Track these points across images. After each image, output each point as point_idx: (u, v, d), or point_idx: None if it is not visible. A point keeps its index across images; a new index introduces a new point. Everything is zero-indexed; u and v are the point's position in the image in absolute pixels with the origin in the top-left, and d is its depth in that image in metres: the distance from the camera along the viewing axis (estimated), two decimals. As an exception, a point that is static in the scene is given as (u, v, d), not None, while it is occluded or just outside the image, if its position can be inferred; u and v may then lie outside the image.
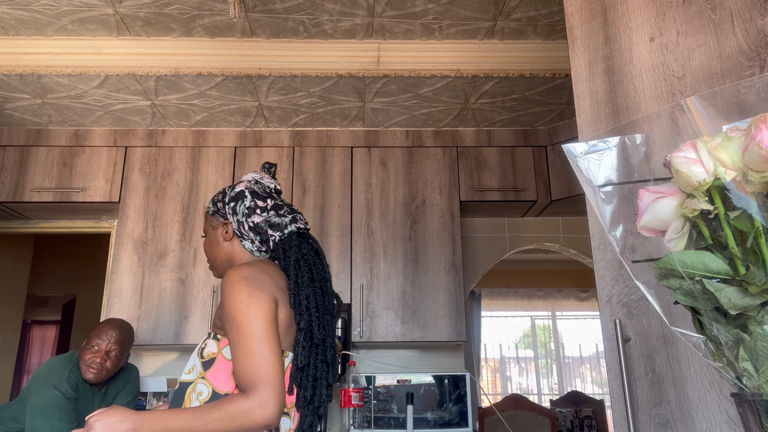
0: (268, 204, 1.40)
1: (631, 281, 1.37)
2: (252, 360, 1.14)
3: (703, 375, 1.24)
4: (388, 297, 3.09)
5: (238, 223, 1.39)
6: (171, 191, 3.21)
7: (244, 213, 1.38)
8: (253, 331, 1.16)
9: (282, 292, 1.27)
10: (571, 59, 1.60)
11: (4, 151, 3.24)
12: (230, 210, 1.41)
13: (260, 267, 1.29)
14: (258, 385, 1.12)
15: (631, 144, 0.76)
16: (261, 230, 1.37)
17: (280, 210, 1.40)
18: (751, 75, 1.26)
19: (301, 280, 1.30)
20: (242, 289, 1.20)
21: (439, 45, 2.76)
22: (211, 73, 2.76)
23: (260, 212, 1.38)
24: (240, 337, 1.16)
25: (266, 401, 1.10)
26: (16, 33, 2.63)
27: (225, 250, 1.43)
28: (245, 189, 1.41)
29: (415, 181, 3.28)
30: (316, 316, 1.29)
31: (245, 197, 1.40)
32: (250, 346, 1.15)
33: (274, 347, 1.16)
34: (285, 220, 1.39)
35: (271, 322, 1.19)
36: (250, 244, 1.40)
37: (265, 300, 1.20)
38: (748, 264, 0.61)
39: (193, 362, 1.28)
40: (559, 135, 3.37)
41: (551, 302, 7.03)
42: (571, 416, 4.83)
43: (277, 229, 1.38)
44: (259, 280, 1.24)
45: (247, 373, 1.14)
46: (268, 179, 1.47)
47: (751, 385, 0.62)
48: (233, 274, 1.24)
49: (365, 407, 3.00)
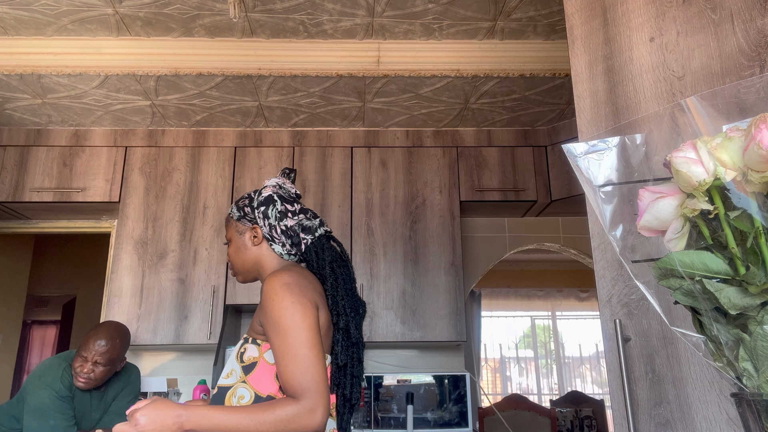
0: (296, 208, 1.43)
1: (631, 281, 1.37)
2: (301, 367, 1.17)
3: (703, 375, 1.24)
4: (388, 297, 3.09)
5: (270, 227, 1.40)
6: (171, 191, 3.21)
7: (276, 216, 1.40)
8: (301, 338, 1.19)
9: (320, 296, 1.30)
10: (571, 59, 1.60)
11: (4, 151, 3.24)
12: (260, 214, 1.41)
13: (300, 272, 1.31)
14: (308, 392, 1.15)
15: (631, 144, 0.76)
16: (294, 233, 1.39)
17: (306, 214, 1.43)
18: (751, 75, 1.26)
19: (337, 285, 1.34)
20: (286, 296, 1.22)
21: (439, 45, 2.76)
22: (211, 73, 2.76)
23: (292, 216, 1.40)
24: (287, 344, 1.19)
25: (315, 408, 1.14)
26: (16, 33, 2.63)
27: (254, 255, 1.43)
28: (273, 194, 1.43)
29: (415, 181, 3.28)
30: (352, 316, 1.33)
31: (275, 201, 1.41)
32: (298, 354, 1.18)
33: (320, 354, 1.20)
34: (315, 223, 1.42)
35: (316, 329, 1.22)
36: (280, 248, 1.40)
37: (309, 307, 1.23)
38: (748, 264, 0.61)
39: (231, 366, 1.30)
40: (559, 135, 3.37)
41: (551, 302, 7.03)
42: (571, 416, 4.83)
43: (309, 233, 1.40)
44: (302, 287, 1.26)
45: (296, 380, 1.16)
46: (290, 184, 1.49)
47: (751, 385, 0.62)
48: (275, 280, 1.25)
49: (365, 407, 3.00)
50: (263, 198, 1.42)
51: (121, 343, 2.30)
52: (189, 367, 3.26)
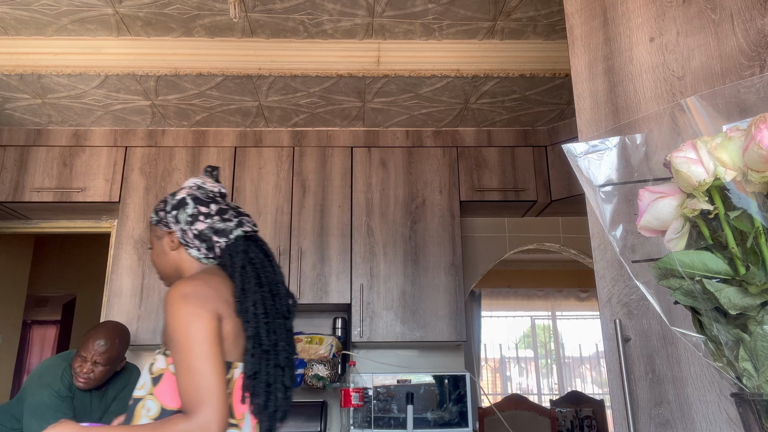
0: (211, 209, 1.37)
1: (631, 281, 1.37)
2: (193, 381, 1.14)
3: (703, 375, 1.24)
4: (388, 297, 3.09)
5: (181, 232, 1.36)
6: (171, 191, 3.20)
7: (186, 221, 1.35)
8: (194, 352, 1.16)
9: (226, 304, 1.26)
10: (571, 59, 1.60)
11: (4, 151, 3.24)
12: (173, 219, 1.38)
13: (204, 280, 1.27)
14: (199, 407, 1.12)
15: (631, 144, 0.76)
16: (206, 237, 1.35)
17: (224, 214, 1.37)
18: (751, 75, 1.26)
19: (248, 287, 1.29)
20: (182, 308, 1.19)
21: (439, 45, 2.76)
22: (211, 73, 2.76)
23: (203, 218, 1.35)
24: (181, 358, 1.16)
25: (208, 424, 1.11)
26: (16, 33, 2.63)
27: (172, 260, 1.40)
28: (187, 196, 1.38)
29: (415, 181, 3.28)
30: (264, 322, 1.27)
31: (187, 204, 1.37)
32: (191, 368, 1.15)
33: (215, 367, 1.16)
34: (230, 225, 1.36)
35: (212, 341, 1.18)
36: (196, 252, 1.37)
37: (206, 318, 1.19)
38: (748, 264, 0.61)
39: (144, 378, 1.27)
40: (559, 135, 3.37)
41: (551, 302, 7.03)
42: (571, 416, 4.83)
43: (223, 235, 1.35)
44: (201, 296, 1.22)
45: (189, 395, 1.14)
46: (212, 183, 1.43)
47: (751, 385, 0.62)
48: (174, 291, 1.22)
49: (365, 407, 3.00)
50: (176, 201, 1.38)
51: (121, 343, 2.30)
52: (189, 367, 3.26)
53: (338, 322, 3.24)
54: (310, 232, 3.17)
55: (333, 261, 3.13)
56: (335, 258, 3.13)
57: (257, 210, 3.19)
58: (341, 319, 3.26)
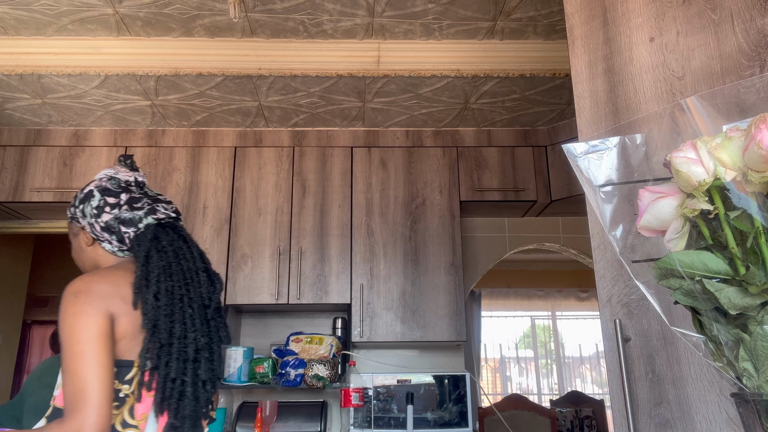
0: (121, 199, 1.32)
1: (631, 281, 1.37)
2: (69, 384, 1.09)
3: (703, 375, 1.24)
4: (388, 297, 3.09)
5: (90, 226, 1.32)
6: (171, 191, 3.21)
7: (92, 214, 1.31)
8: (75, 352, 1.11)
9: (123, 301, 1.20)
10: (571, 59, 1.60)
11: (4, 151, 3.24)
12: (80, 213, 1.34)
13: (104, 276, 1.22)
14: (72, 411, 1.07)
15: (631, 144, 0.76)
16: (114, 229, 1.30)
17: (136, 203, 1.32)
18: (751, 75, 1.26)
19: (152, 276, 1.23)
20: (69, 306, 1.14)
21: (439, 45, 2.76)
22: (211, 73, 2.76)
23: (109, 210, 1.30)
24: (64, 359, 1.11)
25: (80, 428, 1.05)
26: (16, 33, 2.63)
27: (89, 257, 1.36)
28: (95, 188, 1.33)
29: (415, 181, 3.28)
30: (166, 314, 1.21)
31: (93, 197, 1.32)
32: (68, 369, 1.10)
33: (95, 369, 1.10)
34: (139, 214, 1.31)
35: (96, 341, 1.12)
36: (109, 246, 1.32)
37: (93, 316, 1.14)
38: (748, 264, 0.61)
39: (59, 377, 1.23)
40: (559, 135, 3.37)
41: (551, 302, 7.03)
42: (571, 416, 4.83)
43: (131, 225, 1.30)
44: (93, 293, 1.17)
45: (65, 397, 1.09)
46: (125, 172, 1.37)
47: (751, 385, 0.62)
48: (68, 288, 1.18)
49: (365, 407, 3.00)
50: (83, 195, 1.34)
51: None
52: (189, 367, 3.26)
53: (338, 322, 3.24)
54: (310, 232, 3.17)
55: (333, 261, 3.13)
56: (335, 258, 3.13)
57: (257, 210, 3.19)
58: (341, 319, 3.26)
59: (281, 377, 2.91)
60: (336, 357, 3.01)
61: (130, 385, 1.18)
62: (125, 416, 1.17)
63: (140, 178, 1.39)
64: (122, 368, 1.18)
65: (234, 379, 2.92)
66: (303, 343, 3.04)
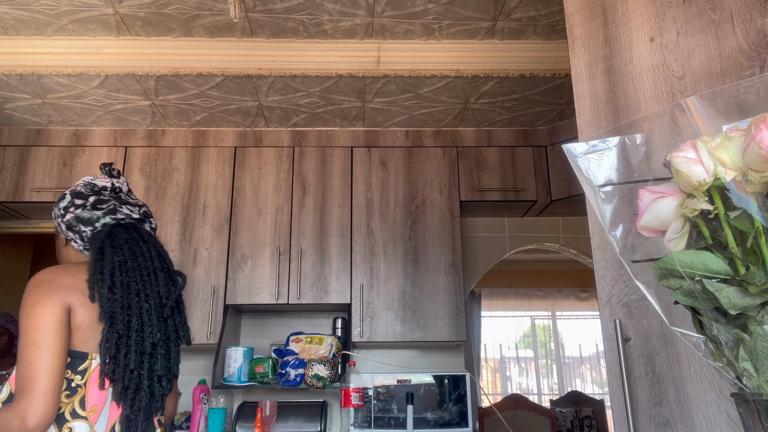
0: (88, 201, 1.39)
1: (631, 281, 1.37)
2: (21, 369, 1.14)
3: (703, 375, 1.24)
4: (388, 297, 3.09)
5: (58, 226, 1.40)
6: (171, 191, 3.21)
7: (59, 214, 1.39)
8: (28, 339, 1.16)
9: (82, 294, 1.25)
10: (571, 59, 1.60)
11: (4, 151, 3.24)
12: (53, 215, 1.42)
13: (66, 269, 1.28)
14: (20, 396, 1.12)
15: (631, 144, 0.76)
16: (75, 228, 1.37)
17: (100, 204, 1.39)
18: (751, 75, 1.26)
19: (105, 271, 1.28)
20: (28, 297, 1.20)
21: (439, 45, 2.76)
22: (211, 73, 2.76)
23: (73, 209, 1.38)
24: (18, 344, 1.17)
25: (25, 413, 1.10)
26: (16, 33, 2.63)
27: (65, 256, 1.44)
28: (68, 192, 1.42)
29: (415, 181, 3.28)
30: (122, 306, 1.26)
31: (64, 198, 1.40)
32: (22, 354, 1.15)
33: (46, 357, 1.15)
34: (97, 214, 1.38)
35: (50, 331, 1.17)
36: (75, 245, 1.39)
37: (49, 306, 1.19)
38: (748, 264, 0.61)
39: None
40: (559, 135, 3.37)
41: (551, 302, 7.03)
42: (571, 416, 4.83)
43: (88, 224, 1.37)
44: (54, 284, 1.22)
45: (17, 382, 1.15)
46: (103, 179, 1.45)
47: (751, 385, 0.62)
48: (32, 279, 1.25)
49: (365, 407, 3.00)
50: (58, 198, 1.43)
51: None
52: (189, 367, 3.26)
53: (338, 322, 3.24)
54: (310, 232, 3.17)
55: (333, 261, 3.13)
56: (335, 258, 3.13)
57: (257, 210, 3.19)
58: (341, 319, 3.26)
59: (281, 377, 2.91)
60: (336, 357, 3.01)
61: (83, 376, 1.23)
62: (76, 406, 1.22)
63: (117, 184, 1.46)
64: (76, 359, 1.23)
65: (234, 379, 2.92)
66: (303, 343, 3.04)
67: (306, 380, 2.89)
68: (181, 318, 1.39)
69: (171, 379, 1.34)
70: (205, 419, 2.74)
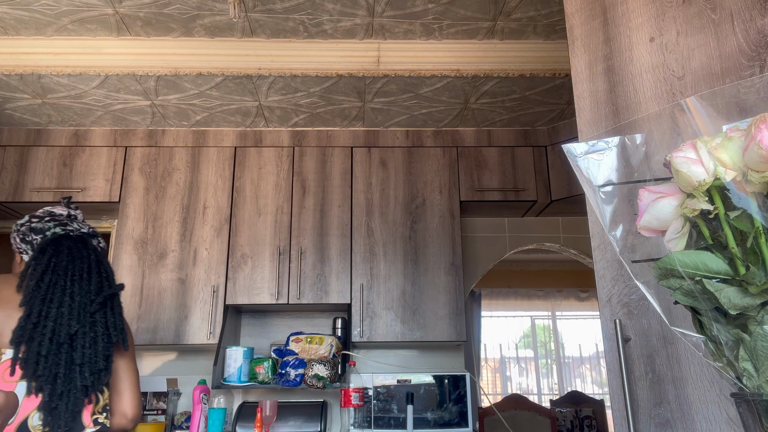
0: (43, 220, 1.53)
1: (631, 281, 1.37)
2: None
3: (703, 375, 1.24)
4: (388, 297, 3.09)
5: (13, 240, 1.54)
6: (171, 191, 3.21)
7: (16, 229, 1.53)
8: None
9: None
10: (571, 59, 1.60)
11: (4, 151, 3.24)
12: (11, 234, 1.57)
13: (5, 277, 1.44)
14: None
15: (631, 144, 0.76)
16: (28, 238, 1.51)
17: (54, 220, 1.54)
18: (751, 75, 1.26)
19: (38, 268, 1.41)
20: None
21: (439, 45, 2.76)
22: (211, 73, 2.76)
23: (28, 223, 1.53)
24: None
25: None
26: (16, 33, 2.63)
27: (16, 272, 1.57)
28: (28, 214, 1.56)
29: (415, 181, 3.28)
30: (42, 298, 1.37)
31: (23, 218, 1.57)
32: None
33: None
34: (48, 225, 1.52)
35: None
36: (26, 257, 1.52)
37: None
38: (748, 264, 0.61)
39: None
40: (559, 135, 3.37)
41: (551, 302, 7.03)
42: (571, 416, 4.83)
43: (39, 233, 1.51)
44: None
45: None
46: (60, 209, 1.59)
47: (751, 385, 0.62)
48: None
49: (365, 407, 3.00)
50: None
51: None
52: (189, 367, 3.26)
53: (338, 322, 3.24)
54: (310, 232, 3.17)
55: (333, 261, 3.13)
56: (335, 258, 3.13)
57: (257, 210, 3.19)
58: (341, 319, 3.26)
59: (281, 377, 2.91)
60: (336, 357, 3.01)
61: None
62: None
63: (73, 212, 1.60)
64: None
65: (234, 379, 2.92)
66: (303, 343, 3.04)
67: (306, 380, 2.89)
68: (114, 317, 1.47)
69: (97, 372, 1.39)
70: (205, 419, 2.74)
